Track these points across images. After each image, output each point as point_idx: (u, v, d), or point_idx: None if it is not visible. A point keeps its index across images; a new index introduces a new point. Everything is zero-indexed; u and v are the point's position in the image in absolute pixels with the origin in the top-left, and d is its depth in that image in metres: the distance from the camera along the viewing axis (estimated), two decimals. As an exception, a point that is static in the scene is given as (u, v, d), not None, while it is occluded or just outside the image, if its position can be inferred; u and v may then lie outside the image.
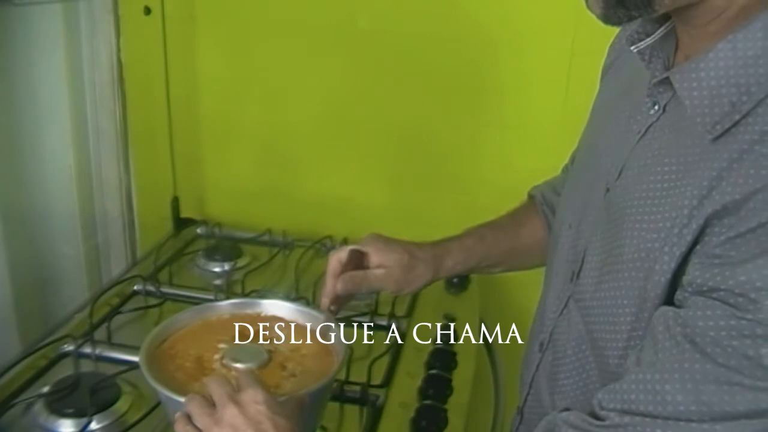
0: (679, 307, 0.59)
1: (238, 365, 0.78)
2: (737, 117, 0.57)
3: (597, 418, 0.61)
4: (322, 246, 1.45)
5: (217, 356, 0.81)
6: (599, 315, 0.68)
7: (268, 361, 0.80)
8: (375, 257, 0.88)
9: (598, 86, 0.88)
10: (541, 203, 1.00)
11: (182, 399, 0.71)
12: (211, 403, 0.66)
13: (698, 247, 0.58)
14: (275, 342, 0.84)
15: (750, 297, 0.52)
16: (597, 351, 0.69)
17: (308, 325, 0.87)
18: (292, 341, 0.85)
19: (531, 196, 1.04)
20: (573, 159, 0.97)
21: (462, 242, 0.96)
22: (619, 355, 0.66)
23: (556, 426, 0.64)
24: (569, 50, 1.32)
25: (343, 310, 0.89)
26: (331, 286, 0.85)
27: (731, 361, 0.53)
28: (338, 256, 0.86)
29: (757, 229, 0.53)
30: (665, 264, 0.60)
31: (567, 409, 0.65)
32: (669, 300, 0.61)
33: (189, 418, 0.67)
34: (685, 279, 0.59)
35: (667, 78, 0.64)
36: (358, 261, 0.88)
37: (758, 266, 0.52)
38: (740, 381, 0.53)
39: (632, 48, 0.70)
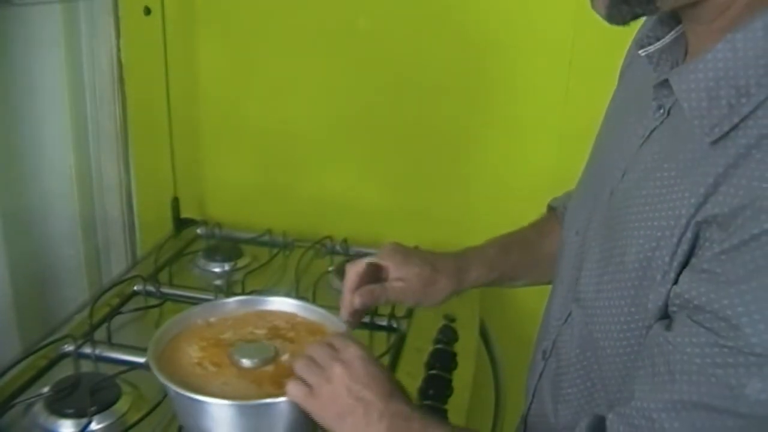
0: (671, 318, 0.59)
1: (246, 361, 0.79)
2: (736, 120, 0.56)
3: None
4: (322, 246, 1.45)
5: (225, 352, 0.81)
6: (603, 322, 0.68)
7: (275, 357, 0.80)
8: (394, 270, 0.86)
9: (598, 87, 0.88)
10: (563, 214, 0.96)
11: (191, 394, 0.72)
12: (316, 364, 0.71)
13: (693, 259, 0.58)
14: (281, 338, 0.84)
15: (732, 323, 0.52)
16: (602, 358, 0.69)
17: (314, 321, 0.88)
18: (299, 337, 0.85)
19: (552, 208, 1.00)
20: None
21: (485, 253, 0.93)
22: (630, 360, 0.65)
23: None
24: (569, 50, 1.32)
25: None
26: (349, 300, 0.83)
27: (715, 389, 0.53)
28: (356, 269, 0.84)
29: (741, 247, 0.52)
30: (666, 274, 0.60)
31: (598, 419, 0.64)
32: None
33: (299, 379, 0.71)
34: (675, 290, 0.58)
35: (668, 80, 0.63)
36: (376, 273, 0.86)
37: (741, 291, 0.52)
38: (727, 408, 0.53)
39: (641, 52, 0.69)
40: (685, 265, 0.59)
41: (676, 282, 0.59)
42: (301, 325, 0.87)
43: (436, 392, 1.03)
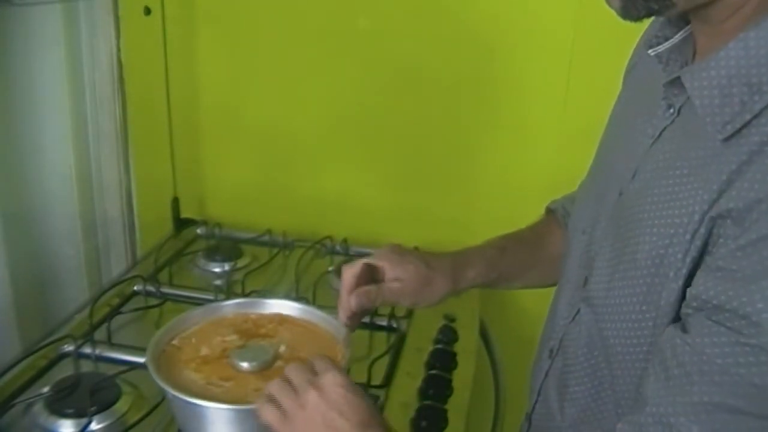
0: (684, 321, 0.59)
1: (244, 364, 0.78)
2: (748, 117, 0.56)
3: None
4: (322, 246, 1.45)
5: (223, 355, 0.81)
6: (613, 321, 0.67)
7: (273, 361, 0.80)
8: (390, 271, 0.84)
9: (598, 87, 0.88)
10: (563, 216, 0.96)
11: (188, 398, 0.72)
12: (292, 387, 0.67)
13: (707, 257, 0.58)
14: (279, 341, 0.84)
15: (752, 320, 0.52)
16: (611, 356, 0.69)
17: (313, 324, 0.87)
18: (297, 340, 0.85)
19: (551, 210, 1.00)
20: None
21: (483, 253, 0.91)
22: (640, 359, 0.65)
23: None
24: (569, 50, 1.32)
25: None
26: (346, 301, 0.82)
27: (739, 389, 0.53)
28: (352, 271, 0.82)
29: (758, 242, 0.53)
30: (679, 271, 0.60)
31: None
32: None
33: (272, 401, 0.68)
34: (690, 292, 0.58)
35: (679, 79, 0.63)
36: (372, 274, 0.85)
37: (761, 287, 0.52)
38: (751, 410, 0.53)
39: (650, 51, 0.69)
40: (698, 261, 0.58)
41: (688, 279, 0.59)
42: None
43: (436, 392, 1.03)
